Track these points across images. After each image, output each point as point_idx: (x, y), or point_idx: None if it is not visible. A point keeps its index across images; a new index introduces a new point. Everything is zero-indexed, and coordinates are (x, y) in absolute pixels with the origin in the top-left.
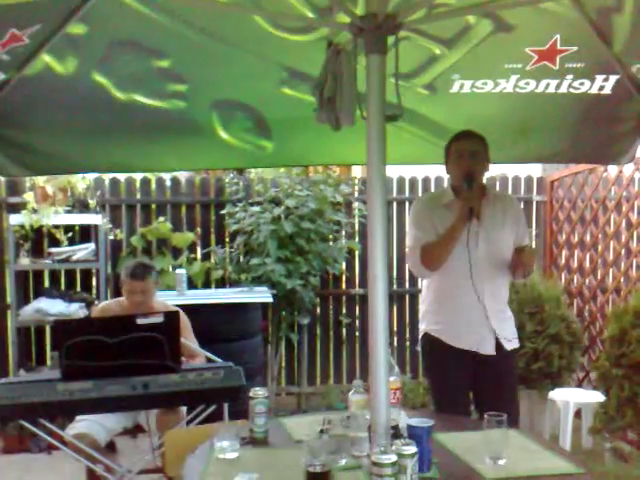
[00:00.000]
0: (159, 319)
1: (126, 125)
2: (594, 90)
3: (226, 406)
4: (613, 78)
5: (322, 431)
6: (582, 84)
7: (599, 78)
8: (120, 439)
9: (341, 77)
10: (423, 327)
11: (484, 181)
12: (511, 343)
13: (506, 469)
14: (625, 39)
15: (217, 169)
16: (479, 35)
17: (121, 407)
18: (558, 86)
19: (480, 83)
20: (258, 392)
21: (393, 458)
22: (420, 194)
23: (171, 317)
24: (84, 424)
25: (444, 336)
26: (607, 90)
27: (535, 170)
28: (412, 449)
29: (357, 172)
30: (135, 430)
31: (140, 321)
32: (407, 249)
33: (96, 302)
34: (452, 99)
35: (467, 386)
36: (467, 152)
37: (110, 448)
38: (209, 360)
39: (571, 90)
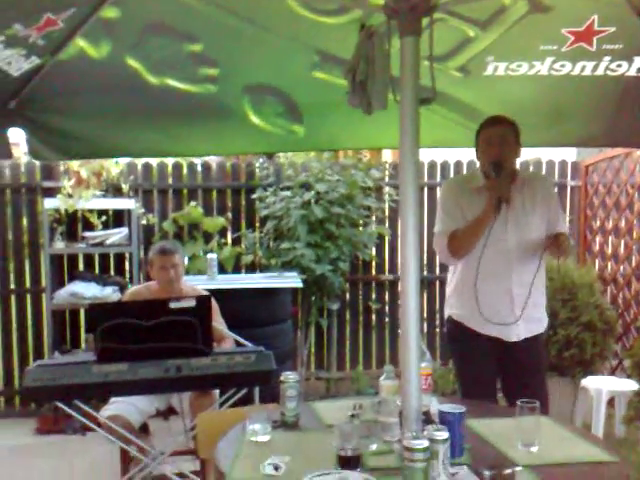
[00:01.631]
0: (191, 303)
1: (158, 109)
2: (632, 72)
3: (257, 390)
4: None
5: (353, 416)
6: (619, 66)
7: (637, 60)
8: (153, 421)
9: (373, 60)
10: (447, 311)
11: (516, 165)
12: (537, 329)
13: (539, 456)
14: None
15: (248, 154)
16: (514, 16)
17: (154, 389)
18: (595, 68)
19: (515, 65)
20: (289, 376)
21: (425, 443)
22: (439, 179)
23: (203, 301)
24: (118, 406)
25: (468, 322)
26: None
27: (569, 154)
28: (444, 434)
29: (387, 156)
30: (167, 412)
31: (173, 305)
32: (434, 234)
33: (129, 286)
34: (486, 82)
35: (493, 371)
36: (495, 139)
37: (143, 430)
38: (238, 343)
39: (608, 72)
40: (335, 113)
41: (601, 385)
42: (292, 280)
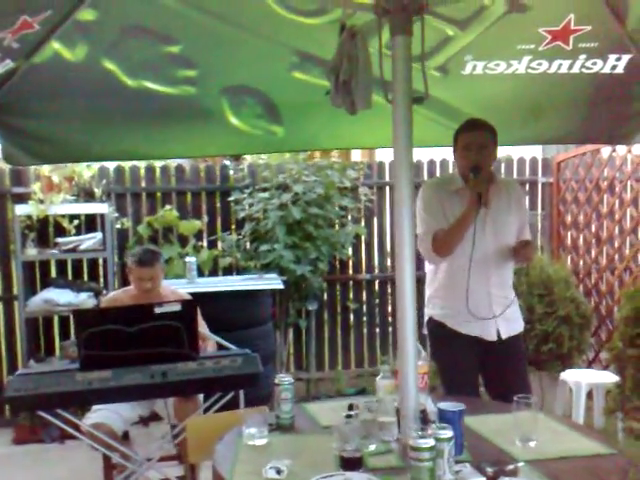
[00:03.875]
0: (176, 307)
1: (136, 112)
2: (607, 70)
3: (242, 393)
4: (626, 57)
5: (349, 416)
6: (595, 64)
7: (612, 57)
8: (132, 428)
9: (357, 60)
10: (428, 311)
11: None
12: (516, 328)
13: (537, 451)
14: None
15: (228, 155)
16: (493, 16)
17: (140, 395)
18: (571, 66)
19: (493, 64)
20: (283, 379)
21: (431, 442)
22: (425, 178)
23: (188, 306)
24: (101, 414)
25: (449, 321)
26: (620, 69)
27: (535, 151)
28: (449, 433)
29: (356, 157)
30: (149, 419)
31: (158, 310)
32: (418, 235)
33: (104, 292)
34: (464, 81)
35: (475, 368)
36: (475, 145)
37: (124, 437)
38: (220, 346)
39: (583, 70)
40: (314, 113)
41: (580, 378)
42: (273, 282)
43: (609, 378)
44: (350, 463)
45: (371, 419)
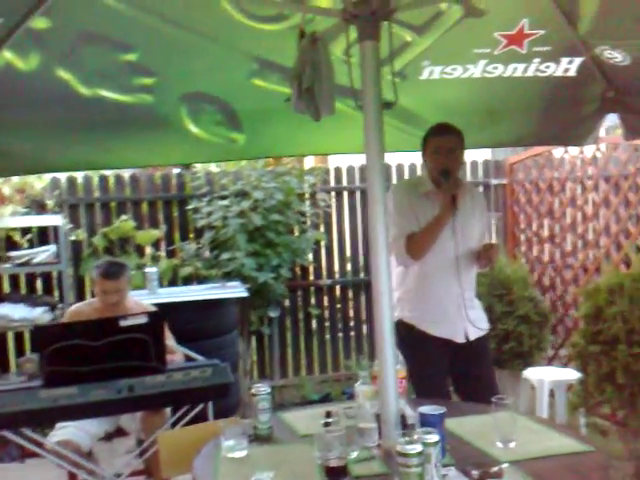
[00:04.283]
0: (142, 320)
1: (92, 122)
2: (559, 73)
3: (210, 405)
4: (578, 60)
5: (327, 424)
6: (548, 67)
7: (564, 61)
8: (96, 444)
9: (319, 66)
10: (397, 314)
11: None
12: (482, 329)
13: (519, 451)
14: (591, 20)
15: (188, 164)
16: (449, 21)
17: (108, 411)
18: (525, 70)
19: (449, 69)
20: (260, 389)
21: (419, 448)
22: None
23: (154, 318)
24: (67, 430)
25: (418, 323)
26: (572, 72)
27: (485, 154)
28: (435, 437)
29: (309, 163)
30: (114, 434)
31: (123, 323)
32: (391, 238)
33: (59, 305)
34: (422, 86)
35: (445, 370)
36: (444, 149)
37: (88, 454)
38: (188, 357)
39: (538, 73)
40: (275, 121)
41: (542, 376)
42: (236, 290)
43: (571, 375)
44: (335, 472)
45: (352, 425)
